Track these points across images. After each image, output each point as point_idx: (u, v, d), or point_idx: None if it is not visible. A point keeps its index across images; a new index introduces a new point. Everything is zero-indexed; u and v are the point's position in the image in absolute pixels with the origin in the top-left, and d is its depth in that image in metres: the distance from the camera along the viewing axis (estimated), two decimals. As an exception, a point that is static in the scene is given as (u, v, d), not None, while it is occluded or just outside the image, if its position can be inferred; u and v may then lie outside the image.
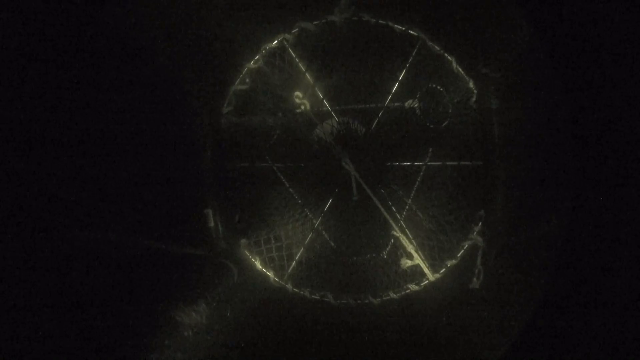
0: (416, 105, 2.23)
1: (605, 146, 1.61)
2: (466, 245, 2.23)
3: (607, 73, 1.56)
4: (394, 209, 2.32)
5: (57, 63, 1.62)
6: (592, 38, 1.57)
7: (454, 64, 2.18)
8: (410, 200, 2.32)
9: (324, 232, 2.40)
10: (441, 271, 2.24)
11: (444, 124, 2.23)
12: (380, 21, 2.17)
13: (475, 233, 2.22)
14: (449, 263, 2.24)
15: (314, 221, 2.39)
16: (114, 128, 1.88)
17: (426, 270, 2.20)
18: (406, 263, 2.21)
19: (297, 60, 2.26)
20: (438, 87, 2.23)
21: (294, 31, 2.22)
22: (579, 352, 1.56)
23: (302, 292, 2.28)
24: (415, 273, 2.24)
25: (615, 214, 1.60)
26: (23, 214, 1.55)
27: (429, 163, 2.30)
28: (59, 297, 1.58)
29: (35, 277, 1.54)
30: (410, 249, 2.20)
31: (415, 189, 2.31)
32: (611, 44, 1.54)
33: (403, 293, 2.24)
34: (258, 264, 2.33)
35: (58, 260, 1.62)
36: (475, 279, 2.11)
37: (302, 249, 2.36)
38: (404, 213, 2.33)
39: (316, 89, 2.28)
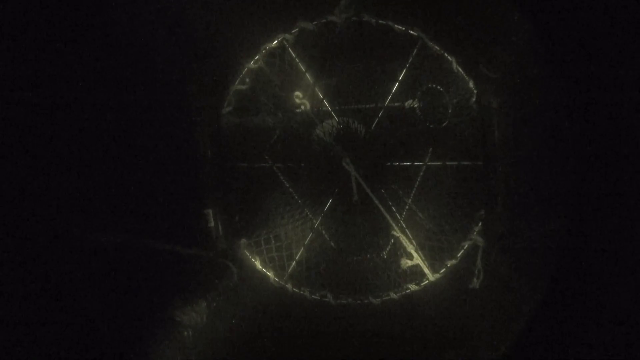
0: (416, 105, 2.23)
1: (605, 146, 1.61)
2: (466, 245, 2.23)
3: (607, 73, 1.56)
4: (394, 209, 2.32)
5: (58, 63, 1.62)
6: (592, 38, 1.57)
7: (454, 64, 2.18)
8: (410, 200, 2.32)
9: (324, 232, 2.40)
10: (441, 271, 2.23)
11: (444, 124, 2.23)
12: (380, 21, 2.17)
13: (475, 233, 2.22)
14: (449, 263, 2.24)
15: (314, 221, 2.38)
16: (114, 128, 1.88)
17: (426, 270, 2.20)
18: (406, 263, 2.21)
19: (297, 60, 2.26)
20: (438, 87, 2.23)
21: (294, 31, 2.22)
22: (579, 352, 1.56)
23: (302, 292, 2.28)
24: (415, 273, 2.24)
25: (615, 214, 1.60)
26: (24, 214, 1.55)
27: (429, 163, 2.30)
28: (59, 296, 1.58)
29: (35, 277, 1.54)
30: (410, 249, 2.20)
31: (415, 189, 2.31)
32: (611, 43, 1.54)
33: (403, 293, 2.24)
34: (258, 264, 2.33)
35: (58, 260, 1.62)
36: (475, 279, 2.11)
37: (302, 249, 2.36)
38: (404, 213, 2.33)
39: (316, 89, 2.28)
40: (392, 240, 2.31)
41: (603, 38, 1.54)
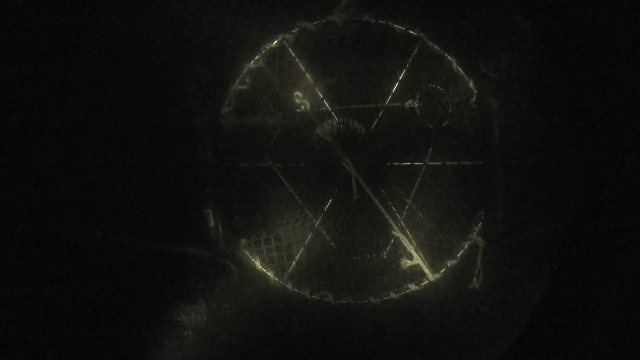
0: (416, 105, 2.23)
1: (605, 146, 1.61)
2: (466, 245, 2.23)
3: (607, 72, 1.56)
4: (394, 209, 2.32)
5: (57, 63, 1.62)
6: (592, 38, 1.57)
7: (454, 64, 2.19)
8: (410, 200, 2.32)
9: (324, 232, 2.40)
10: (441, 271, 2.24)
11: (444, 124, 2.23)
12: (380, 21, 2.17)
13: (475, 233, 2.22)
14: (449, 263, 2.24)
15: (314, 221, 2.38)
16: (114, 128, 1.88)
17: (426, 270, 2.20)
18: (406, 263, 2.21)
19: (297, 60, 2.26)
20: (438, 87, 2.23)
21: (294, 31, 2.22)
22: (579, 352, 1.56)
23: (302, 292, 2.28)
24: (415, 273, 2.24)
25: (615, 214, 1.60)
26: (23, 213, 1.55)
27: (429, 163, 2.30)
28: (59, 297, 1.58)
29: (35, 277, 1.54)
30: (410, 249, 2.20)
31: (415, 189, 2.31)
32: (611, 43, 1.54)
33: (403, 293, 2.24)
34: (258, 264, 2.33)
35: (58, 260, 1.62)
36: (475, 279, 2.11)
37: (302, 249, 2.36)
38: (404, 213, 2.33)
39: (316, 89, 2.28)
40: (392, 240, 2.32)
41: (603, 38, 1.54)
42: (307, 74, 2.27)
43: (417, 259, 2.19)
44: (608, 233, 1.61)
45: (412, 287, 2.23)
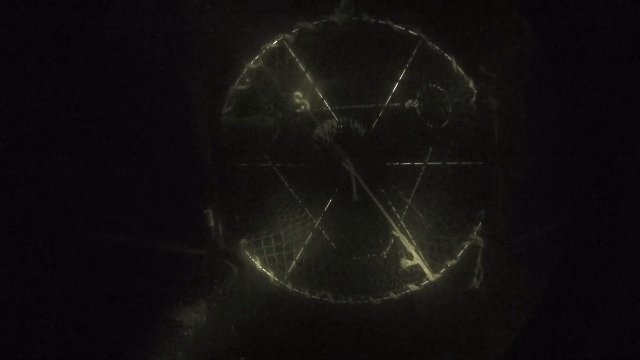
0: (416, 105, 2.23)
1: (604, 146, 1.61)
2: (466, 245, 2.23)
3: (607, 73, 1.56)
4: (394, 209, 2.32)
5: (58, 63, 1.62)
6: (592, 38, 1.57)
7: (454, 64, 2.18)
8: (410, 200, 2.32)
9: (324, 232, 2.40)
10: (441, 271, 2.23)
11: (444, 124, 2.23)
12: (380, 21, 2.17)
13: (475, 233, 2.22)
14: (449, 263, 2.24)
15: (314, 221, 2.38)
16: (114, 128, 1.88)
17: (426, 270, 2.19)
18: (406, 263, 2.21)
19: (297, 60, 2.26)
20: (438, 87, 2.23)
21: (294, 31, 2.22)
22: (579, 352, 1.56)
23: (302, 292, 2.28)
24: (415, 273, 2.24)
25: (614, 214, 1.60)
26: (23, 213, 1.55)
27: (429, 163, 2.30)
28: (59, 296, 1.58)
29: (35, 277, 1.54)
30: (410, 249, 2.20)
31: (415, 189, 2.31)
32: (611, 44, 1.54)
33: (403, 293, 2.24)
34: (258, 264, 2.33)
35: (58, 260, 1.62)
36: (475, 279, 2.11)
37: (302, 249, 2.36)
38: (404, 213, 2.33)
39: (316, 89, 2.28)
40: (392, 240, 2.31)
41: (603, 37, 1.54)
42: (307, 74, 2.27)
43: (417, 259, 2.19)
44: (608, 232, 1.61)
45: (412, 287, 2.23)
